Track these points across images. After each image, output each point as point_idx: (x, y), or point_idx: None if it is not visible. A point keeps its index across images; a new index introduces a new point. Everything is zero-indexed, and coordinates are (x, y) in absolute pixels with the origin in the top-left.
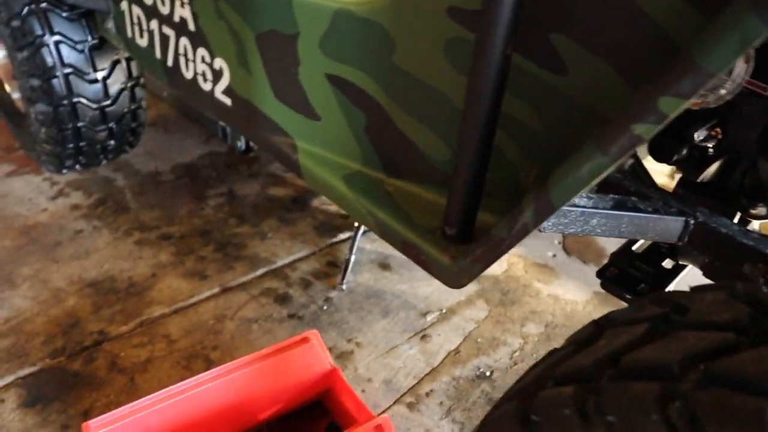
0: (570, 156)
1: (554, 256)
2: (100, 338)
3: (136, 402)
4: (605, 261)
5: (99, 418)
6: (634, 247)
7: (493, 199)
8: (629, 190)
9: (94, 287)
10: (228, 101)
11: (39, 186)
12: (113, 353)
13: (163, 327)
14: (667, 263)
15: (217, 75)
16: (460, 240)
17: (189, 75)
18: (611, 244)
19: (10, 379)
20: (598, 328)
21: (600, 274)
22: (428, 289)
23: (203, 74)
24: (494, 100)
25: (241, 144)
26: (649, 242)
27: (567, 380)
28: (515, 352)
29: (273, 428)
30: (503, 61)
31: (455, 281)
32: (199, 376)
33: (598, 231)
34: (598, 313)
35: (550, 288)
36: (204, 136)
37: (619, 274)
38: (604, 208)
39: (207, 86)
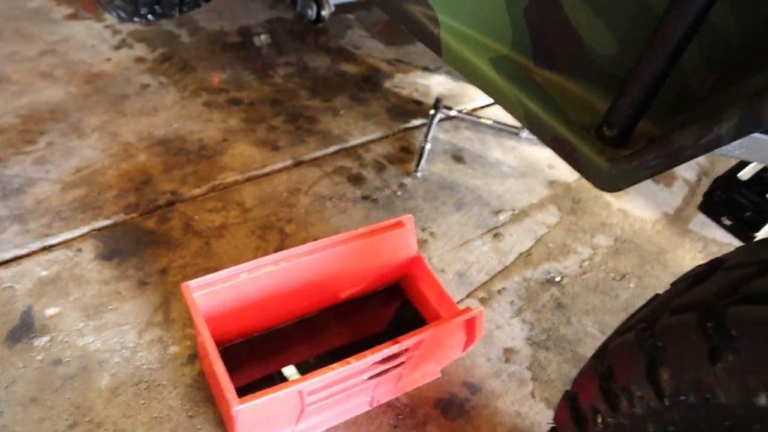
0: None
1: None
2: (173, 198)
3: (232, 268)
4: (677, 183)
5: (198, 279)
6: (739, 174)
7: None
8: None
9: (164, 146)
10: None
11: (101, 33)
12: (187, 215)
13: (236, 194)
14: None
15: None
16: (618, 143)
17: None
18: (682, 166)
19: (85, 229)
20: (706, 269)
21: (707, 195)
22: (501, 187)
23: None
24: (706, 4)
25: (312, 12)
26: (756, 170)
27: (686, 310)
28: (585, 261)
29: (349, 306)
30: None
31: (610, 184)
32: (294, 249)
33: (737, 153)
34: (666, 233)
35: (620, 203)
36: None
37: (726, 198)
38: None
39: None
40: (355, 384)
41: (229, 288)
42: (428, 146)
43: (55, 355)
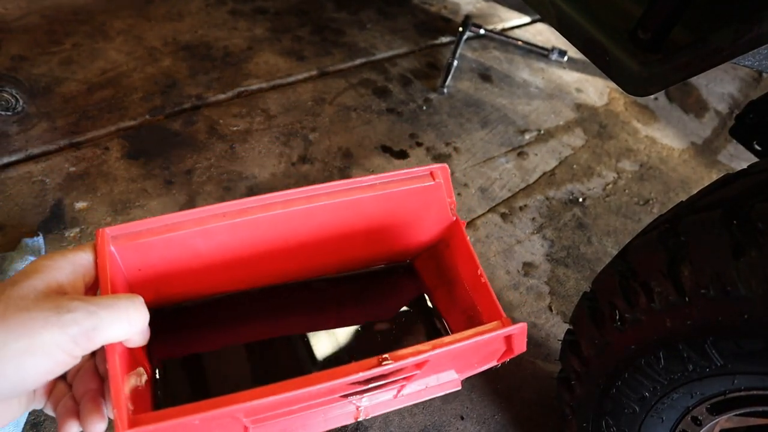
0: None
1: (656, 99)
2: (198, 103)
3: (182, 213)
4: (708, 114)
5: (121, 225)
6: None
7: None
8: None
9: (189, 51)
10: None
11: None
12: (212, 119)
13: (261, 100)
14: None
15: None
16: (651, 47)
17: None
18: (714, 98)
19: (112, 129)
20: (730, 177)
21: (739, 119)
22: (527, 107)
23: None
24: None
25: None
26: None
27: (712, 208)
28: (609, 184)
29: (345, 281)
30: None
31: (640, 88)
32: (272, 195)
33: None
34: (693, 162)
35: (648, 130)
36: None
37: (759, 122)
38: None
39: None
40: (322, 403)
41: (171, 241)
42: (455, 63)
43: None
